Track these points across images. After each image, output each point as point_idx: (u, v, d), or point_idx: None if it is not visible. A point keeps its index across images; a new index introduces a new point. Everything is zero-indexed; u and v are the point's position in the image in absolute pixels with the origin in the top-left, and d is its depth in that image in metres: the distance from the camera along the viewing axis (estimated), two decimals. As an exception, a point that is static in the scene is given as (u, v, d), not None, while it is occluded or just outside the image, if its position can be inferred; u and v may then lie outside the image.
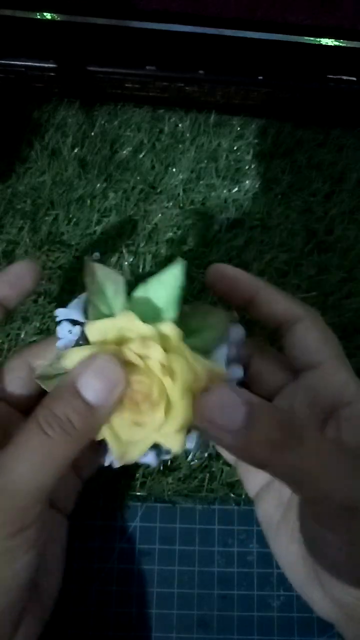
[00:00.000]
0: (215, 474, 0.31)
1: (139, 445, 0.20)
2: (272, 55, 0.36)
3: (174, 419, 0.19)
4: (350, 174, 0.37)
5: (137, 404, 0.19)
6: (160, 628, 0.30)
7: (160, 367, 0.19)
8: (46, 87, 0.37)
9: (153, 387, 0.19)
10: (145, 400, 0.19)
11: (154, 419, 0.19)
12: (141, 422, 0.20)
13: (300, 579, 0.23)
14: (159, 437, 0.20)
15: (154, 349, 0.19)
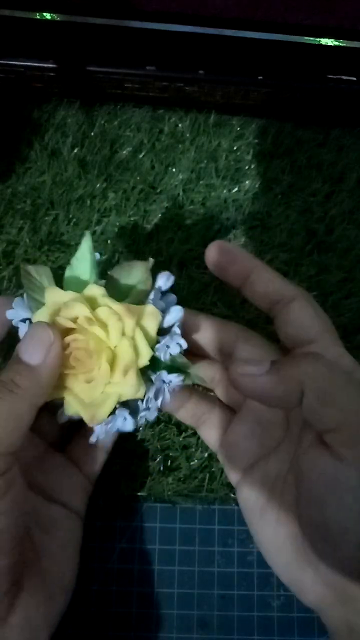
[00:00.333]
0: (215, 474, 0.31)
1: (104, 403, 0.22)
2: (272, 55, 0.36)
3: (118, 363, 0.21)
4: (350, 174, 0.37)
5: (82, 362, 0.21)
6: (161, 628, 0.30)
7: (87, 320, 0.21)
8: (46, 87, 0.37)
9: (89, 341, 0.21)
10: (87, 355, 0.21)
11: (101, 370, 0.21)
12: (92, 378, 0.21)
13: (286, 562, 0.23)
14: (114, 388, 0.22)
15: (78, 307, 0.21)
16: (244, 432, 0.26)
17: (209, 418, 0.28)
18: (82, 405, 0.22)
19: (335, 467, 0.20)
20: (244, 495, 0.25)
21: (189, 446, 0.31)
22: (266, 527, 0.24)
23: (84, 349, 0.21)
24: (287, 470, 0.24)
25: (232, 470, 0.26)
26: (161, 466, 0.31)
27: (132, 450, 0.31)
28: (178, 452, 0.31)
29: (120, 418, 0.23)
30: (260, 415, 0.26)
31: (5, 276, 0.33)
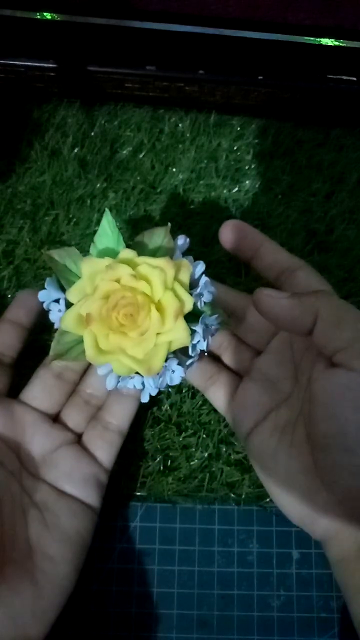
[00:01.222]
0: (215, 474, 0.31)
1: (158, 353, 0.23)
2: (272, 55, 0.36)
3: (168, 310, 0.23)
4: (350, 174, 0.37)
5: (133, 317, 0.22)
6: (161, 628, 0.30)
7: (132, 277, 0.23)
8: (46, 87, 0.37)
9: (137, 296, 0.23)
10: (137, 310, 0.22)
11: (152, 320, 0.23)
12: (146, 329, 0.23)
13: (299, 494, 0.24)
14: (167, 336, 0.23)
15: (121, 268, 0.23)
16: (255, 389, 0.28)
17: (217, 379, 0.29)
18: (136, 362, 0.23)
19: (348, 377, 0.22)
20: (255, 443, 0.27)
21: (189, 446, 0.31)
22: (278, 466, 0.25)
23: (134, 304, 0.22)
24: (297, 416, 0.26)
25: (243, 425, 0.27)
26: (161, 466, 0.31)
27: (132, 450, 0.31)
28: (178, 452, 0.31)
29: (170, 370, 0.24)
30: (269, 372, 0.28)
31: (6, 276, 0.33)
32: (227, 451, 0.31)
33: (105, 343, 0.23)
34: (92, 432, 0.28)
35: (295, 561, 0.31)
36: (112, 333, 0.23)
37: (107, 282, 0.23)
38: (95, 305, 0.23)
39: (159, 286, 0.23)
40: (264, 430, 0.27)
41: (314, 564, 0.31)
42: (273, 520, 0.31)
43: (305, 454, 0.24)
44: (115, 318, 0.22)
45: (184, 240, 0.26)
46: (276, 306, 0.24)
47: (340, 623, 0.30)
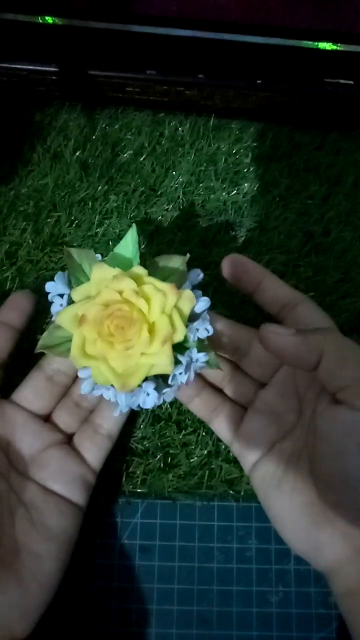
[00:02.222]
0: (215, 471, 0.31)
1: (137, 372, 0.23)
2: (270, 59, 0.36)
3: (157, 334, 0.23)
4: (347, 177, 0.38)
5: (123, 331, 0.23)
6: (160, 624, 0.30)
7: (134, 293, 0.23)
8: (48, 90, 0.38)
9: (133, 312, 0.23)
10: (129, 324, 0.23)
11: (140, 339, 0.23)
12: (132, 345, 0.23)
13: (303, 527, 0.25)
14: (150, 359, 0.23)
15: (127, 281, 0.23)
16: (260, 421, 0.28)
17: (221, 411, 0.29)
18: (114, 374, 0.23)
19: (352, 416, 0.22)
20: (260, 474, 0.27)
21: (189, 443, 0.31)
22: (283, 498, 0.25)
23: (128, 318, 0.23)
24: (301, 447, 0.26)
25: (249, 456, 0.28)
26: (161, 463, 0.31)
27: (133, 448, 0.31)
28: (178, 450, 0.31)
29: (144, 392, 0.25)
30: (274, 404, 0.28)
31: (9, 277, 0.34)
32: (226, 448, 0.31)
33: (92, 348, 0.23)
34: (83, 434, 0.29)
35: (294, 557, 0.31)
36: (100, 340, 0.23)
37: (109, 291, 0.23)
38: (92, 309, 0.23)
39: (156, 308, 0.23)
40: (269, 461, 0.27)
41: (312, 560, 0.31)
42: (271, 517, 0.32)
43: (309, 487, 0.25)
44: (107, 326, 0.23)
45: (197, 274, 0.27)
46: (281, 343, 0.24)
47: (338, 619, 0.30)
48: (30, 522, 0.26)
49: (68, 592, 0.30)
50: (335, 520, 0.24)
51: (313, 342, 0.24)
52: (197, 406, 0.30)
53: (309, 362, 0.24)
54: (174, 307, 0.24)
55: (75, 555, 0.27)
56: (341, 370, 0.23)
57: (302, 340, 0.24)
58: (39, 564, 0.25)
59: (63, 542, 0.26)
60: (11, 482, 0.27)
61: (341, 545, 0.24)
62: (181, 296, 0.24)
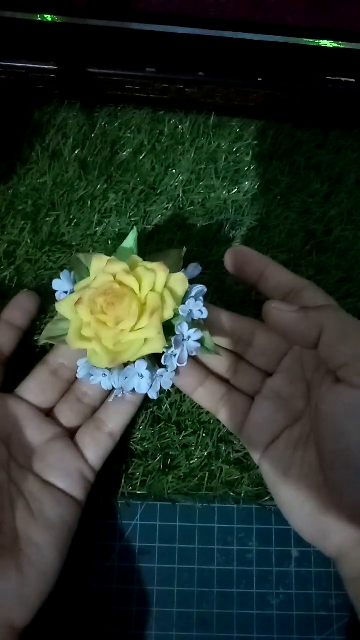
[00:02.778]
0: (215, 473, 0.31)
1: (128, 349, 0.25)
2: (271, 57, 0.36)
3: (147, 310, 0.24)
4: (349, 175, 0.38)
5: (115, 307, 0.24)
6: (161, 626, 0.30)
7: (125, 273, 0.25)
8: (47, 88, 0.37)
9: (124, 289, 0.24)
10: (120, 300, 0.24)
11: (131, 311, 0.24)
12: (122, 319, 0.24)
13: (310, 512, 0.25)
14: (139, 335, 0.24)
15: (119, 264, 0.25)
16: (269, 408, 0.28)
17: (228, 401, 0.29)
18: (105, 350, 0.24)
19: (351, 395, 0.22)
20: (269, 461, 0.27)
21: (189, 445, 0.31)
22: (290, 483, 0.25)
23: (119, 295, 0.24)
24: (309, 432, 0.26)
25: (259, 443, 0.28)
26: (161, 465, 0.31)
27: (132, 449, 0.31)
28: (178, 451, 0.31)
29: (138, 374, 0.25)
30: (282, 390, 0.28)
31: (7, 276, 0.33)
32: (226, 450, 0.31)
33: (87, 331, 0.25)
34: (85, 430, 0.29)
35: (295, 559, 0.31)
36: (94, 322, 0.24)
37: (104, 275, 0.25)
38: (88, 293, 0.25)
39: (147, 286, 0.25)
40: (278, 447, 0.27)
41: (313, 562, 0.31)
42: (272, 519, 0.31)
43: (316, 472, 0.25)
44: (99, 304, 0.24)
45: (194, 267, 0.28)
46: (283, 319, 0.25)
47: (339, 621, 0.30)
48: (30, 513, 0.26)
49: (68, 594, 0.30)
50: (341, 504, 0.24)
51: (313, 318, 0.24)
52: (202, 396, 0.29)
53: (309, 339, 0.24)
54: (166, 287, 0.25)
55: (74, 557, 0.27)
56: (341, 346, 0.23)
57: (303, 316, 0.24)
58: (38, 553, 0.25)
59: (61, 532, 0.27)
60: (11, 473, 0.27)
61: (348, 530, 0.24)
62: (173, 277, 0.25)
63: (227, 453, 0.31)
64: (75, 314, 0.25)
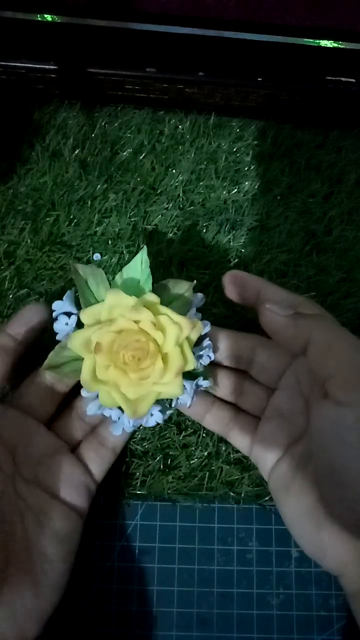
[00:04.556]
0: (215, 473, 0.31)
1: (146, 398, 0.24)
2: (271, 57, 0.36)
3: (171, 365, 0.24)
4: (349, 175, 0.38)
5: (139, 361, 0.24)
6: (161, 626, 0.30)
7: (152, 325, 0.24)
8: (47, 88, 0.37)
9: (149, 343, 0.24)
10: (145, 355, 0.24)
11: (155, 370, 0.24)
12: (145, 376, 0.24)
13: (309, 530, 0.25)
14: (161, 387, 0.24)
15: (145, 313, 0.24)
16: (272, 427, 0.28)
17: (235, 424, 0.29)
18: (125, 400, 0.24)
19: (335, 411, 0.22)
20: (273, 479, 0.27)
21: (189, 445, 0.31)
22: (291, 500, 0.26)
23: (144, 350, 0.24)
24: (310, 450, 0.26)
25: (265, 463, 0.28)
26: (161, 465, 0.31)
27: (132, 449, 0.31)
28: (178, 451, 0.31)
29: (149, 413, 0.26)
30: (282, 408, 0.28)
31: (7, 276, 0.33)
32: (226, 450, 0.31)
33: (103, 374, 0.24)
34: (88, 445, 0.29)
35: (295, 559, 0.31)
36: (113, 367, 0.24)
37: (127, 320, 0.24)
38: (107, 337, 0.24)
39: (171, 340, 0.24)
40: (282, 466, 0.27)
41: (313, 562, 0.31)
42: (272, 519, 0.32)
43: (315, 488, 0.25)
44: (123, 356, 0.24)
45: (200, 298, 0.28)
46: (274, 321, 0.26)
47: (339, 621, 0.30)
48: (40, 527, 0.26)
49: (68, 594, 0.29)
50: (334, 520, 0.24)
51: (301, 325, 0.24)
52: (210, 423, 0.30)
53: (296, 345, 0.25)
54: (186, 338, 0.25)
55: (75, 557, 0.27)
56: (326, 359, 0.23)
57: (292, 322, 0.25)
58: (51, 567, 0.25)
59: (70, 545, 0.27)
60: (18, 487, 0.27)
61: (343, 547, 0.24)
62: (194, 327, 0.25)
63: (227, 453, 0.31)
64: (88, 353, 0.24)
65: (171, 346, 0.24)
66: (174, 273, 0.34)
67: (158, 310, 0.25)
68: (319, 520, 0.24)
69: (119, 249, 0.34)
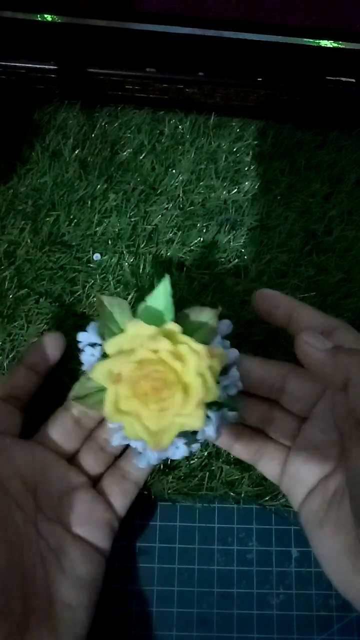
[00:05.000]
0: (215, 473, 0.31)
1: (169, 430, 0.24)
2: (271, 57, 0.36)
3: (192, 396, 0.23)
4: (349, 175, 0.38)
5: (158, 392, 0.23)
6: (161, 626, 0.30)
7: (170, 355, 0.23)
8: (47, 88, 0.37)
9: (168, 373, 0.23)
10: (164, 386, 0.23)
11: (174, 401, 0.23)
12: (165, 407, 0.23)
13: (344, 569, 0.23)
14: (182, 419, 0.24)
15: (163, 342, 0.23)
16: (303, 458, 0.27)
17: (264, 453, 0.28)
18: (147, 432, 0.23)
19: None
20: (305, 513, 0.26)
21: (189, 445, 0.31)
22: (325, 538, 0.24)
23: (163, 380, 0.23)
24: (344, 485, 0.25)
25: (296, 496, 0.27)
26: (161, 465, 0.31)
27: (133, 449, 0.31)
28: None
29: (174, 446, 0.25)
30: (315, 439, 0.27)
31: (7, 276, 0.33)
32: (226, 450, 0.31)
33: (125, 404, 0.24)
34: (111, 479, 0.28)
35: (295, 559, 0.31)
36: (135, 398, 0.23)
37: (146, 350, 0.24)
38: (127, 367, 0.23)
39: (192, 370, 0.23)
40: (314, 499, 0.26)
41: (313, 562, 0.31)
42: (272, 519, 0.31)
43: (351, 531, 0.23)
44: (143, 386, 0.23)
45: (227, 326, 0.27)
46: (312, 357, 0.24)
47: (339, 621, 0.30)
48: (62, 571, 0.25)
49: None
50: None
51: (341, 363, 0.23)
52: (238, 452, 0.29)
53: (336, 383, 0.23)
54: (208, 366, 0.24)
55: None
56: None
57: (332, 359, 0.23)
58: (72, 616, 0.24)
59: (92, 590, 0.26)
60: (39, 527, 0.26)
61: None
62: (215, 356, 0.24)
63: (227, 453, 0.31)
64: (111, 385, 0.24)
65: (192, 376, 0.23)
66: (173, 273, 0.34)
67: (178, 340, 0.24)
68: (356, 561, 0.23)
69: (119, 249, 0.34)
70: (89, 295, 0.33)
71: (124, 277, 0.34)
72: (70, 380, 0.31)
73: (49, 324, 0.32)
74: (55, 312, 0.33)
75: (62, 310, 0.33)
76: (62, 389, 0.31)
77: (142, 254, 0.34)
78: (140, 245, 0.35)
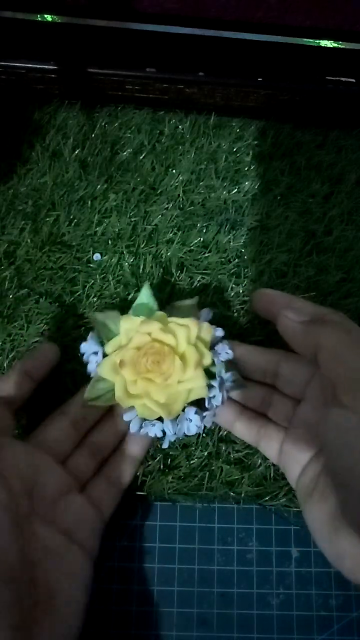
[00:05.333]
0: (215, 473, 0.31)
1: (178, 398, 0.27)
2: (271, 57, 0.36)
3: (189, 361, 0.26)
4: (349, 175, 0.38)
5: (159, 365, 0.26)
6: (161, 626, 0.30)
7: (161, 331, 0.27)
8: (47, 88, 0.37)
9: (163, 346, 0.26)
10: (162, 358, 0.26)
11: (175, 368, 0.26)
12: (169, 374, 0.26)
13: (328, 535, 0.25)
14: (186, 384, 0.26)
15: (154, 324, 0.27)
16: (297, 437, 0.28)
17: (265, 433, 0.29)
18: (158, 405, 0.26)
19: (339, 414, 0.23)
20: (299, 486, 0.27)
21: (189, 445, 0.31)
22: (313, 507, 0.26)
23: (160, 353, 0.26)
24: None
25: (291, 473, 0.28)
26: (161, 465, 0.31)
27: (133, 449, 0.31)
28: (178, 451, 0.31)
29: (187, 419, 0.27)
30: (307, 418, 0.28)
31: (7, 276, 0.33)
32: (226, 450, 0.31)
33: (134, 388, 0.26)
34: (99, 486, 0.29)
35: (295, 559, 0.31)
36: (140, 379, 0.26)
37: (140, 334, 0.27)
38: (128, 354, 0.26)
39: (183, 340, 0.27)
40: (306, 475, 0.27)
41: (313, 562, 0.31)
42: (272, 519, 0.32)
43: (334, 494, 0.24)
44: (144, 364, 0.26)
45: (207, 313, 0.30)
46: (288, 328, 0.26)
47: (339, 621, 0.30)
48: (59, 569, 0.26)
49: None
50: (350, 525, 0.23)
51: (311, 332, 0.25)
52: (239, 430, 0.30)
53: (308, 352, 0.25)
54: (197, 338, 0.27)
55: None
56: (335, 365, 0.24)
57: (304, 330, 0.25)
58: (71, 610, 0.25)
59: (86, 588, 0.26)
60: (34, 527, 0.26)
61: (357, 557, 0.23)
62: (201, 327, 0.28)
63: (227, 453, 0.31)
64: (117, 375, 0.27)
65: (184, 345, 0.27)
66: (173, 273, 0.34)
67: (166, 321, 0.28)
68: (336, 526, 0.24)
69: (119, 249, 0.34)
70: (89, 295, 0.33)
71: (124, 277, 0.34)
72: (71, 381, 0.31)
73: (49, 324, 0.32)
74: (55, 312, 0.33)
75: (62, 310, 0.33)
76: (62, 390, 0.31)
77: (142, 254, 0.34)
78: (140, 245, 0.35)
